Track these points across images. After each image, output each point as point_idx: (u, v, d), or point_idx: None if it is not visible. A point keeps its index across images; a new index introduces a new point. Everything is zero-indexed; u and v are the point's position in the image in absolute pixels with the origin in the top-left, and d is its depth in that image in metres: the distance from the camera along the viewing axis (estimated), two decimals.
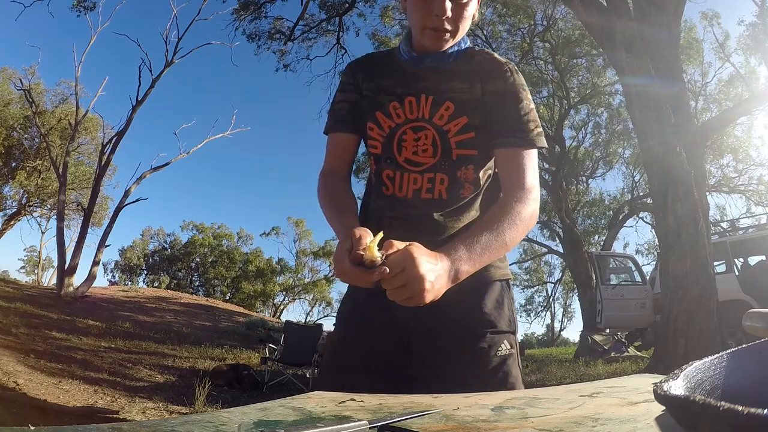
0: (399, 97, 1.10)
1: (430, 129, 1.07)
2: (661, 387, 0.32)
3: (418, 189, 1.08)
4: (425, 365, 1.05)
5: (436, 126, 1.07)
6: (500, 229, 0.94)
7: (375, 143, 1.12)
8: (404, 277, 0.79)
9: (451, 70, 1.09)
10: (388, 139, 1.10)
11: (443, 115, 1.07)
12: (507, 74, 1.09)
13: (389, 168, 1.11)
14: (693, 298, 6.07)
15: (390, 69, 1.14)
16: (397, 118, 1.10)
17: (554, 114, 15.92)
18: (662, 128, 6.50)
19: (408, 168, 1.09)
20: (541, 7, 14.26)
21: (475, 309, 1.06)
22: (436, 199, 1.08)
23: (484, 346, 1.03)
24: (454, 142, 1.06)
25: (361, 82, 1.16)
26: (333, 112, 1.19)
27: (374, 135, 1.11)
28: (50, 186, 18.72)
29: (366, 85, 1.15)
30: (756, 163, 16.11)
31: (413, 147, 1.08)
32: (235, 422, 0.51)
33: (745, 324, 0.69)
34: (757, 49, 14.35)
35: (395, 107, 1.10)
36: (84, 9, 12.75)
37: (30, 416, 3.59)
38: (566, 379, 7.49)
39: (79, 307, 10.83)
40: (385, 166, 1.11)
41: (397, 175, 1.10)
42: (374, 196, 1.15)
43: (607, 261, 11.10)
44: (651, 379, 0.67)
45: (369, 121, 1.12)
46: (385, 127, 1.10)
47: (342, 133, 1.17)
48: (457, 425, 0.50)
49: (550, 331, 27.66)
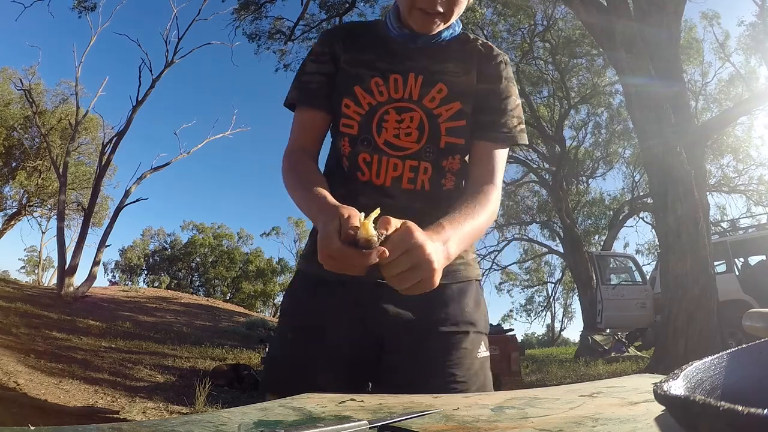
0: (382, 73, 0.99)
1: (418, 111, 0.97)
2: (661, 387, 0.32)
3: (399, 177, 0.98)
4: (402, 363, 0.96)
5: (425, 109, 0.97)
6: (479, 218, 0.88)
7: (351, 122, 0.99)
8: (410, 260, 0.68)
9: (446, 50, 1.01)
10: (367, 118, 0.98)
11: (435, 97, 0.98)
12: (501, 65, 1.03)
13: (366, 151, 0.98)
14: (693, 298, 6.07)
15: (373, 42, 1.02)
16: (379, 96, 0.98)
17: (554, 114, 15.92)
18: (662, 128, 6.50)
19: (387, 152, 0.97)
20: (541, 7, 14.28)
21: (458, 307, 1.00)
22: (419, 191, 0.99)
23: (467, 347, 0.98)
24: (444, 129, 0.98)
25: (338, 53, 1.03)
26: (302, 83, 1.04)
27: (350, 113, 0.99)
28: (50, 186, 18.72)
29: (344, 57, 1.02)
30: (756, 163, 16.13)
31: (395, 129, 0.97)
32: (235, 422, 0.51)
33: (745, 324, 0.69)
34: (757, 49, 14.36)
35: (377, 83, 0.99)
36: (84, 9, 12.76)
37: (30, 416, 3.59)
38: (566, 379, 7.49)
39: (80, 307, 10.83)
40: (361, 149, 0.98)
41: (374, 159, 0.98)
42: (339, 183, 0.99)
43: (607, 261, 11.10)
44: (651, 379, 0.67)
45: (345, 97, 0.99)
46: (365, 105, 0.98)
47: (313, 109, 1.03)
48: (457, 425, 0.50)
49: (551, 331, 27.68)
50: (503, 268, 20.13)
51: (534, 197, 18.63)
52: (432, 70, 0.99)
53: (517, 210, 18.73)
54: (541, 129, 14.93)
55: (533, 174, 16.83)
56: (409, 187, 0.98)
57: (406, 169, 0.97)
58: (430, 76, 0.98)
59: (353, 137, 0.99)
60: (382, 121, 0.98)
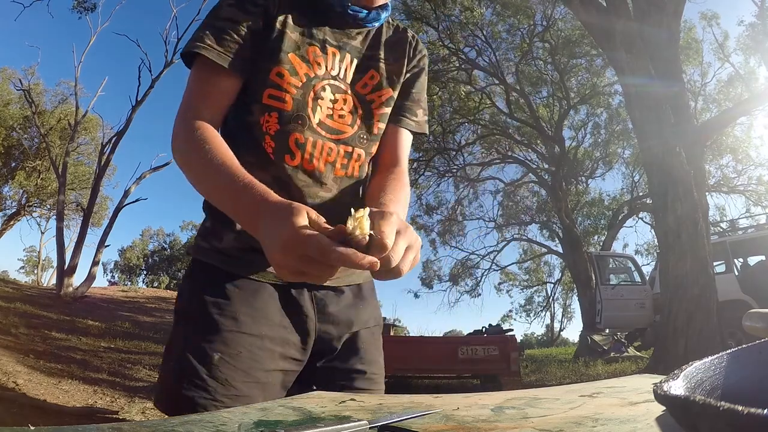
0: (321, 43, 0.89)
1: (351, 96, 0.91)
2: (661, 387, 0.32)
3: (333, 163, 0.89)
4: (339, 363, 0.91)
5: (358, 94, 0.92)
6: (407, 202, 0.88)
7: (284, 95, 0.85)
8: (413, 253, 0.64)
9: (380, 35, 0.96)
10: (304, 93, 0.86)
11: (367, 83, 0.93)
12: (425, 58, 1.02)
13: (299, 132, 0.86)
14: (693, 298, 6.08)
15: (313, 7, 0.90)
16: (317, 68, 0.87)
17: (554, 114, 15.91)
18: (662, 128, 6.51)
19: (322, 134, 0.87)
20: (540, 8, 14.29)
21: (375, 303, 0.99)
22: (348, 177, 0.92)
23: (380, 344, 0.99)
24: (377, 115, 0.93)
25: (272, 9, 0.86)
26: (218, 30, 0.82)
27: (284, 84, 0.85)
28: (50, 186, 18.72)
29: (279, 16, 0.86)
30: (755, 164, 16.12)
31: (329, 109, 0.88)
32: (235, 422, 0.51)
33: (745, 324, 0.69)
34: (756, 50, 14.37)
35: (315, 53, 0.88)
36: (84, 10, 12.78)
37: (30, 416, 3.60)
38: (566, 379, 7.50)
39: (79, 308, 10.82)
40: (294, 128, 0.85)
41: (309, 142, 0.86)
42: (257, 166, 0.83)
43: (606, 261, 11.11)
44: (651, 379, 0.68)
45: (277, 65, 0.85)
46: (301, 75, 0.86)
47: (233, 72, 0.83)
48: (457, 425, 0.50)
49: (550, 331, 27.67)
50: (502, 269, 20.10)
51: (533, 197, 18.63)
52: (366, 55, 0.94)
53: (517, 210, 18.73)
54: (540, 129, 14.93)
55: (532, 174, 16.83)
56: (340, 173, 0.90)
57: (340, 154, 0.89)
58: (365, 61, 0.93)
59: (285, 114, 0.85)
60: (318, 98, 0.87)
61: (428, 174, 16.32)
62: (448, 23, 14.19)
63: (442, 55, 14.46)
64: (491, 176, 17.54)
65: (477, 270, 18.48)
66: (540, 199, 18.10)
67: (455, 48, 14.26)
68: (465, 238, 18.72)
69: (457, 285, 18.61)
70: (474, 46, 14.65)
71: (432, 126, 15.59)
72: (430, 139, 14.98)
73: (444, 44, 14.17)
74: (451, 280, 18.65)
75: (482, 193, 18.00)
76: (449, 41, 14.19)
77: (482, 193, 17.99)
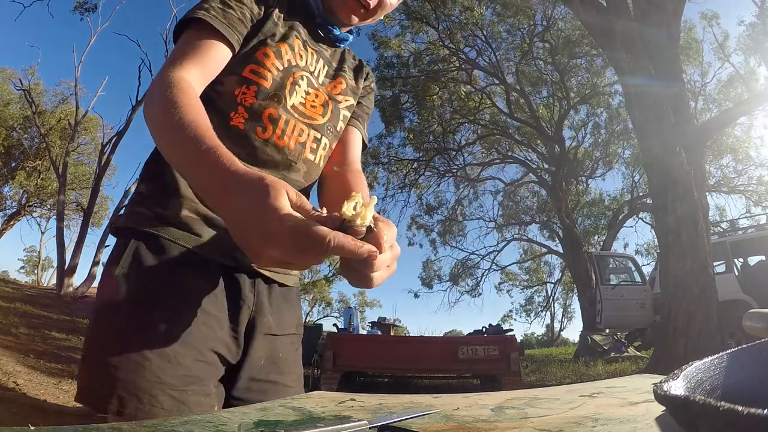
0: (303, 41, 0.95)
1: (323, 93, 0.96)
2: (661, 387, 0.32)
3: (303, 144, 0.91)
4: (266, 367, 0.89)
5: (329, 93, 0.98)
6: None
7: (265, 73, 0.87)
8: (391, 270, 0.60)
9: (344, 55, 1.05)
10: (283, 76, 0.89)
11: (336, 86, 1.00)
12: (374, 84, 1.13)
13: (273, 108, 0.87)
14: (693, 298, 6.08)
15: (303, 11, 0.97)
16: (299, 58, 0.93)
17: (554, 114, 15.91)
18: (662, 128, 6.51)
19: (295, 116, 0.90)
20: (540, 8, 14.29)
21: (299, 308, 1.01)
22: (315, 164, 0.94)
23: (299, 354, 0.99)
24: (343, 115, 1.00)
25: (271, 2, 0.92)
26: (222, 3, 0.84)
27: (267, 63, 0.87)
28: (50, 186, 18.74)
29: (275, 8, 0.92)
30: (755, 164, 16.13)
31: (303, 98, 0.92)
32: (235, 422, 0.51)
33: (745, 324, 0.69)
34: (756, 50, 14.37)
35: (300, 47, 0.93)
36: (85, 11, 12.78)
37: (30, 416, 3.60)
38: (566, 379, 7.50)
39: (79, 307, 10.83)
40: (269, 104, 0.87)
41: (282, 119, 0.88)
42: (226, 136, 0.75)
43: (606, 261, 11.11)
44: (651, 379, 0.68)
45: (266, 46, 0.88)
46: (284, 61, 0.90)
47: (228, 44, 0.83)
48: (457, 425, 0.50)
49: (550, 331, 27.67)
50: (503, 269, 20.11)
51: (533, 197, 18.64)
52: (335, 67, 1.02)
53: (517, 210, 18.74)
54: (540, 129, 14.93)
55: (533, 174, 16.83)
56: (309, 157, 0.92)
57: (310, 138, 0.92)
58: (333, 71, 1.01)
59: (263, 90, 0.86)
60: (296, 84, 0.91)
61: (428, 174, 16.35)
62: (448, 23, 14.20)
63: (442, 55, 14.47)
64: (491, 176, 17.58)
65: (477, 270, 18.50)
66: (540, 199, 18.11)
67: (455, 48, 14.28)
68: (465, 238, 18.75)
69: (458, 285, 18.62)
70: (474, 46, 14.67)
71: (432, 126, 15.62)
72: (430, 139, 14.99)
73: (444, 44, 14.19)
74: (451, 280, 18.66)
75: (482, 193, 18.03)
76: (449, 41, 14.20)
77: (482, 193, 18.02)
